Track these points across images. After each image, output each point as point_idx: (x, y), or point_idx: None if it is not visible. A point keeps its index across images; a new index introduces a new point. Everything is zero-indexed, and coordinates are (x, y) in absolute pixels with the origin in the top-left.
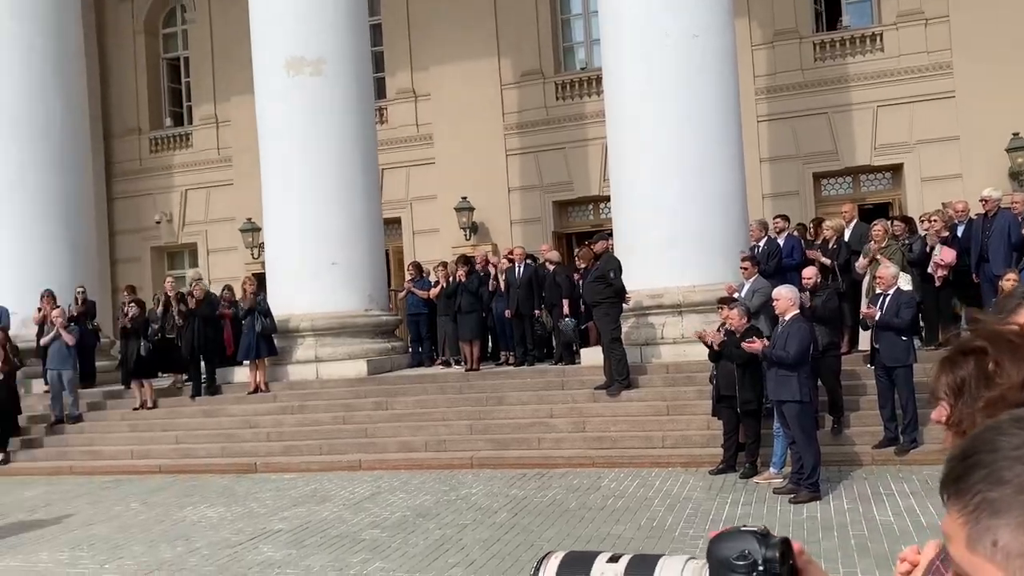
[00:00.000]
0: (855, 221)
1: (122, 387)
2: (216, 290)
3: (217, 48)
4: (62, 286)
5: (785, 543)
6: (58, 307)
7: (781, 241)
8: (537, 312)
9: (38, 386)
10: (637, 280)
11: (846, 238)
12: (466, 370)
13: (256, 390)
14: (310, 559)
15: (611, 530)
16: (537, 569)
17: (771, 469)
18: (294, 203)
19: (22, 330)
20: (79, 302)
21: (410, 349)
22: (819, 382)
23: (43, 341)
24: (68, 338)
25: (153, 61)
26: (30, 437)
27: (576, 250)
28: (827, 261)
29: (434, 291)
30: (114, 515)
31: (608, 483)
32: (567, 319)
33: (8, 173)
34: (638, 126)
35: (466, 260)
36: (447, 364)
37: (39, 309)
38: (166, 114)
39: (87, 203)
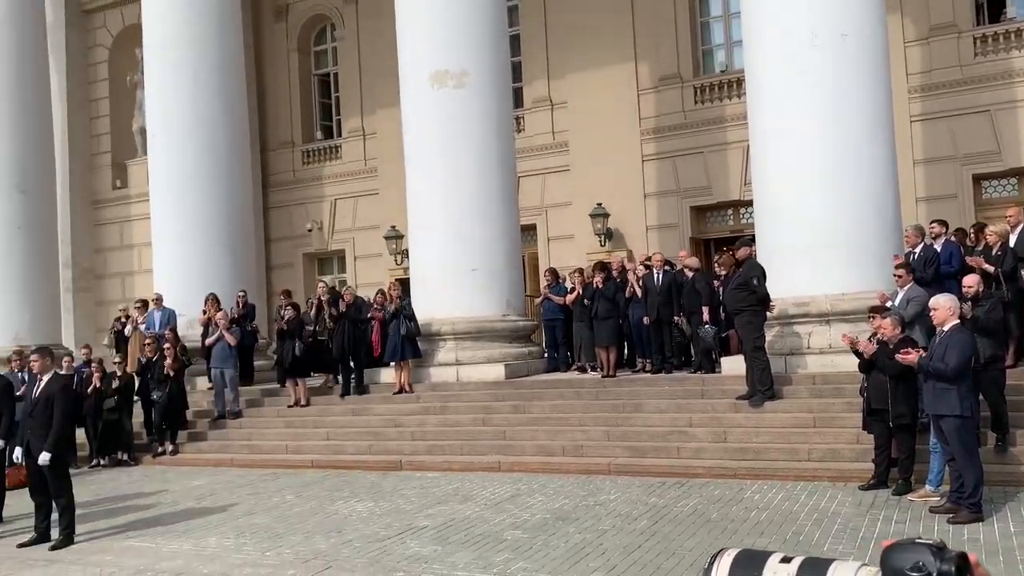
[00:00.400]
0: (1021, 225)
1: (278, 385)
2: (366, 294)
3: (364, 64)
4: (224, 290)
5: (962, 558)
6: (221, 310)
7: (938, 247)
8: (676, 319)
9: (202, 383)
10: (781, 287)
11: (1011, 244)
12: (602, 376)
13: (401, 390)
14: (455, 556)
15: (755, 542)
16: (710, 565)
17: (927, 487)
18: (436, 211)
19: (188, 331)
20: (240, 305)
21: (546, 354)
22: (980, 397)
23: (207, 341)
24: (230, 339)
25: (305, 77)
26: (196, 431)
27: (715, 257)
28: (990, 268)
29: (570, 297)
30: (272, 506)
31: (751, 495)
32: (707, 326)
33: (178, 187)
34: (782, 128)
35: (603, 266)
36: (583, 370)
37: (204, 312)
38: (317, 127)
39: (247, 213)
